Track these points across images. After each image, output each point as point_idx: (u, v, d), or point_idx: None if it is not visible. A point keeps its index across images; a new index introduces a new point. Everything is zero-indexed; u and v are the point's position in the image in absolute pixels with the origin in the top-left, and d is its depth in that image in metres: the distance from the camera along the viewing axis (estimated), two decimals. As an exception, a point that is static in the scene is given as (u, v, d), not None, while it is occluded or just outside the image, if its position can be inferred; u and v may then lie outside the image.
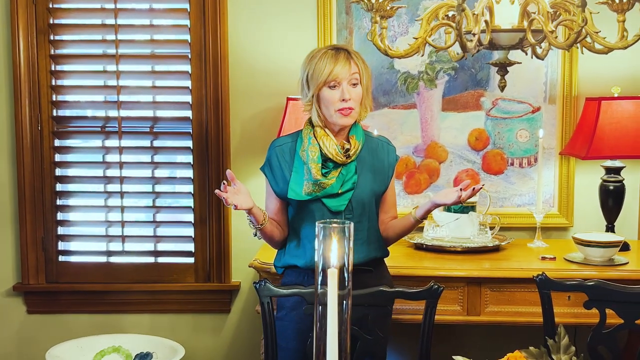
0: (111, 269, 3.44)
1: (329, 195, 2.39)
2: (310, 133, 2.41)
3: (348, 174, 2.40)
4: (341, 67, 2.33)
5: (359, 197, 2.41)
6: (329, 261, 1.36)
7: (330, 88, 2.34)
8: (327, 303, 1.35)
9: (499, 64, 1.57)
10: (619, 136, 2.95)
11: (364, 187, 2.42)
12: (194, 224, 3.40)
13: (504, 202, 3.34)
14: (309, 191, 2.38)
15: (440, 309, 2.79)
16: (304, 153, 2.39)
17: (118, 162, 3.37)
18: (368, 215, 2.44)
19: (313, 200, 2.39)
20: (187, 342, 3.36)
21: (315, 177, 2.36)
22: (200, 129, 3.34)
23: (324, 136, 2.38)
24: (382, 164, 2.47)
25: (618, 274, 2.75)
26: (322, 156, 2.38)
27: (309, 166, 2.37)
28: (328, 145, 2.37)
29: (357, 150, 2.40)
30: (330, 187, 2.37)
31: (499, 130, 3.32)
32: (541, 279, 2.28)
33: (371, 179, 2.44)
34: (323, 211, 2.40)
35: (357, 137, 2.42)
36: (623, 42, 1.44)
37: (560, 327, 1.45)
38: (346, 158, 2.39)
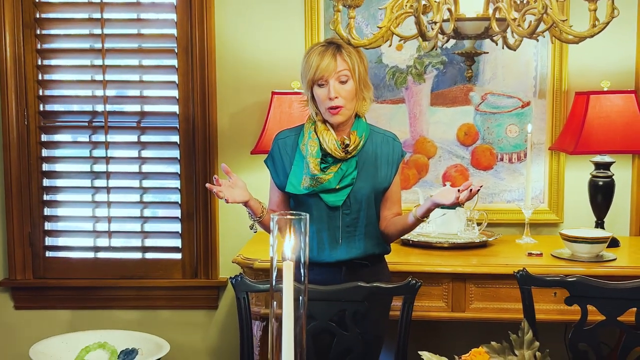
0: (98, 265, 3.42)
1: (327, 190, 2.37)
2: (312, 127, 2.40)
3: (348, 170, 2.38)
4: (326, 65, 2.30)
5: (358, 193, 2.39)
6: (284, 253, 1.33)
7: (319, 86, 2.33)
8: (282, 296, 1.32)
9: (465, 53, 1.54)
10: (607, 131, 2.91)
11: (363, 183, 2.39)
12: (180, 220, 3.38)
13: (493, 197, 3.30)
14: (306, 185, 2.37)
15: (425, 305, 2.80)
16: (304, 147, 2.39)
17: (105, 157, 3.35)
18: (366, 212, 2.41)
19: (311, 195, 2.38)
20: (174, 338, 3.34)
21: (313, 172, 2.35)
22: (187, 124, 3.32)
23: (324, 131, 2.37)
24: (386, 159, 2.44)
25: (605, 270, 2.71)
26: (322, 151, 2.37)
27: (307, 161, 2.36)
28: (327, 141, 2.35)
29: (357, 146, 2.38)
30: (328, 182, 2.35)
31: (489, 125, 3.28)
32: (522, 275, 2.25)
33: (373, 175, 2.41)
34: (320, 206, 2.39)
35: (359, 133, 2.39)
36: (589, 31, 1.40)
37: (523, 322, 1.42)
38: (345, 154, 2.36)
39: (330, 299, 2.20)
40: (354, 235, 2.41)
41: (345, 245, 2.40)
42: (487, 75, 3.25)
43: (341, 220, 2.39)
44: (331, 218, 2.39)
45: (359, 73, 2.33)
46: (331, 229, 2.40)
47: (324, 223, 2.39)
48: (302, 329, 1.36)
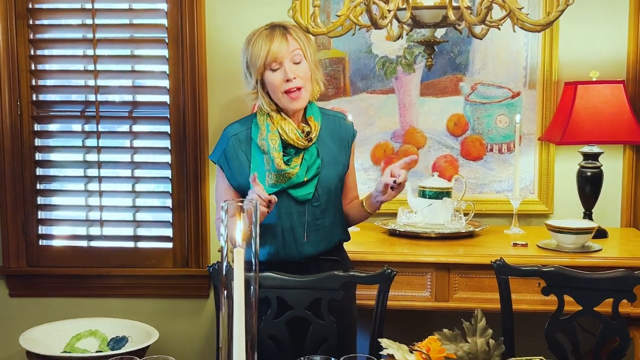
0: (91, 254, 3.45)
1: (295, 185, 2.27)
2: (268, 120, 2.27)
3: (311, 159, 2.29)
4: (278, 45, 2.20)
5: (325, 183, 2.31)
6: (235, 240, 1.34)
7: (272, 71, 2.22)
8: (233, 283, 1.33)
9: (424, 42, 1.54)
10: (595, 121, 2.89)
11: (328, 171, 2.31)
12: (172, 209, 3.40)
13: (482, 188, 3.30)
14: (272, 182, 2.25)
15: (409, 294, 2.80)
16: (263, 142, 2.26)
17: (96, 146, 3.38)
18: (334, 201, 2.35)
19: (277, 193, 2.25)
20: (165, 327, 3.37)
21: (279, 167, 2.23)
22: (178, 114, 3.34)
23: (282, 121, 2.26)
24: (343, 142, 2.36)
25: (589, 260, 2.70)
26: (283, 142, 2.26)
27: (271, 156, 2.24)
28: (288, 131, 2.25)
29: (317, 131, 2.30)
30: (296, 176, 2.26)
31: (478, 116, 3.27)
32: (499, 265, 2.25)
33: (334, 161, 2.33)
34: (288, 202, 2.28)
35: (316, 118, 2.30)
36: (545, 19, 1.39)
37: (477, 310, 1.42)
38: (308, 142, 2.27)
39: (306, 287, 2.21)
40: (322, 227, 2.32)
41: (312, 240, 2.31)
42: (477, 65, 3.24)
43: (310, 215, 2.30)
44: (300, 213, 2.29)
45: (310, 54, 2.25)
46: (299, 225, 2.30)
47: (293, 220, 2.29)
48: (253, 317, 1.38)
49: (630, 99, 3.05)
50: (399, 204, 3.19)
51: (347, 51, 3.28)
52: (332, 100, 3.25)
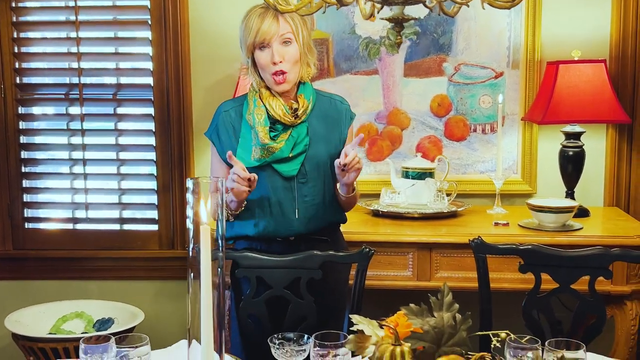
0: (77, 236, 3.46)
1: (280, 160, 2.27)
2: (256, 95, 2.29)
3: (299, 137, 2.28)
4: (268, 26, 2.20)
5: (313, 160, 2.30)
6: (201, 218, 1.35)
7: (261, 50, 2.23)
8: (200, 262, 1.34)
9: (393, 19, 1.54)
10: (576, 100, 2.89)
11: (317, 149, 2.30)
12: (157, 192, 3.40)
13: (466, 168, 3.31)
14: (257, 156, 2.26)
15: (391, 274, 2.82)
16: (250, 117, 2.28)
17: (80, 129, 3.38)
18: (323, 179, 2.32)
19: (263, 167, 2.27)
20: (151, 308, 3.39)
21: (263, 141, 2.24)
22: (162, 96, 3.34)
23: (270, 97, 2.27)
24: (336, 123, 2.36)
25: (569, 239, 2.72)
26: (270, 118, 2.26)
27: (256, 130, 2.26)
28: (275, 106, 2.26)
29: (306, 109, 2.29)
30: (280, 151, 2.26)
31: (462, 96, 3.27)
32: (476, 243, 2.26)
33: (326, 139, 2.33)
34: (274, 177, 2.28)
35: (306, 96, 2.30)
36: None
37: (444, 285, 1.43)
38: (295, 118, 2.27)
39: (285, 267, 2.23)
40: (312, 204, 2.31)
41: (303, 217, 2.30)
42: (460, 45, 3.24)
43: (298, 191, 2.30)
44: (287, 189, 2.29)
45: (303, 37, 2.24)
46: (288, 201, 2.29)
47: (280, 195, 2.29)
48: (222, 296, 1.39)
49: (612, 78, 3.06)
50: (382, 184, 3.21)
51: (331, 32, 3.27)
52: (316, 81, 3.24)
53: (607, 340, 2.82)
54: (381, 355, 1.37)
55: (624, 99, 3.13)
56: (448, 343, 1.37)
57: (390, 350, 1.36)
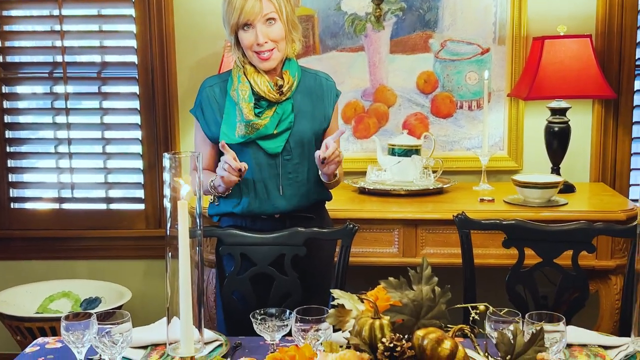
0: (63, 216, 3.45)
1: (265, 137, 2.26)
2: (240, 71, 2.27)
3: (284, 113, 2.27)
4: (251, 6, 2.17)
5: (298, 137, 2.29)
6: (178, 193, 1.34)
7: (244, 30, 2.21)
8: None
9: (372, -8, 1.53)
10: (561, 76, 2.89)
11: (302, 126, 2.29)
12: (143, 171, 3.39)
13: (453, 145, 3.30)
14: (242, 133, 2.25)
15: (377, 251, 2.82)
16: (234, 93, 2.27)
17: (64, 108, 3.36)
18: (308, 157, 2.31)
19: (248, 143, 2.26)
20: (138, 288, 3.39)
21: (247, 118, 2.23)
22: (146, 75, 3.31)
23: (254, 73, 2.25)
24: (320, 100, 2.34)
25: (554, 214, 2.73)
26: (254, 95, 2.25)
27: (240, 107, 2.24)
28: (259, 83, 2.24)
29: (291, 86, 2.27)
30: (264, 127, 2.24)
31: (448, 73, 3.26)
32: (460, 219, 2.26)
33: (311, 116, 2.31)
34: (259, 154, 2.27)
35: (291, 73, 2.29)
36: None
37: (423, 259, 1.43)
38: (280, 95, 2.25)
39: (269, 244, 2.23)
40: (296, 181, 2.30)
41: (288, 195, 2.30)
42: (446, 21, 3.22)
43: (282, 168, 2.29)
44: (271, 166, 2.28)
45: (287, 14, 2.22)
46: (272, 178, 2.29)
47: (264, 172, 2.28)
48: (201, 272, 1.39)
49: (598, 53, 3.06)
50: (368, 162, 3.20)
51: (316, 9, 3.25)
52: (302, 58, 3.22)
53: (592, 315, 2.84)
54: (360, 329, 1.37)
55: (610, 74, 3.13)
56: (427, 316, 1.37)
57: (369, 323, 1.36)
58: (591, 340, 1.83)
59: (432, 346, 1.28)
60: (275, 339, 1.73)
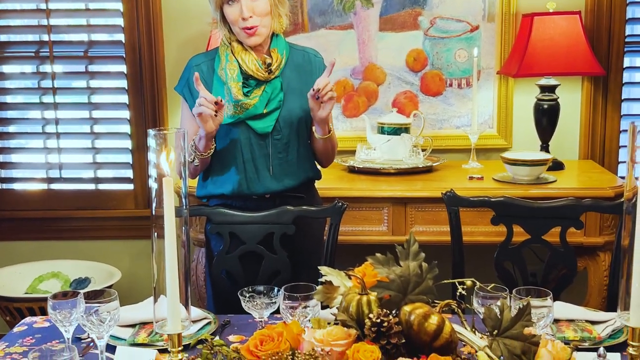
0: (52, 196, 3.43)
1: (254, 117, 2.23)
2: (227, 49, 2.24)
3: (273, 92, 2.24)
4: None
5: (287, 116, 2.26)
6: (163, 169, 1.33)
7: (229, 4, 2.18)
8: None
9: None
10: (551, 53, 2.88)
11: (291, 104, 2.26)
12: (131, 151, 3.37)
13: (442, 124, 3.30)
14: (231, 113, 2.22)
15: (366, 229, 2.83)
16: (222, 72, 2.23)
17: (52, 87, 3.33)
18: (298, 135, 2.28)
19: (237, 123, 2.23)
20: (127, 268, 3.39)
21: (236, 98, 2.20)
22: (134, 53, 3.28)
23: (242, 51, 2.22)
24: (309, 76, 2.30)
25: (543, 192, 2.73)
26: (243, 73, 2.22)
27: (228, 86, 2.21)
28: (247, 61, 2.21)
29: (280, 64, 2.25)
30: (254, 107, 2.22)
31: (438, 51, 3.25)
32: (448, 196, 2.26)
33: (299, 97, 2.27)
34: (248, 134, 2.24)
35: (279, 50, 2.26)
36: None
37: (410, 234, 1.43)
38: (268, 73, 2.22)
39: (258, 222, 2.22)
40: (286, 161, 2.28)
41: (278, 175, 2.27)
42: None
43: (272, 148, 2.26)
44: (261, 146, 2.25)
45: None
46: (262, 158, 2.26)
47: (254, 152, 2.25)
48: (188, 250, 1.38)
49: (587, 30, 3.05)
50: (357, 140, 3.19)
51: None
52: (290, 36, 3.19)
53: (580, 292, 2.86)
54: (348, 305, 1.37)
55: (599, 51, 3.13)
56: (414, 291, 1.37)
57: (357, 299, 1.37)
58: (578, 316, 1.84)
59: (419, 321, 1.29)
60: (264, 316, 1.73)
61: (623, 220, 1.37)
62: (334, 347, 1.31)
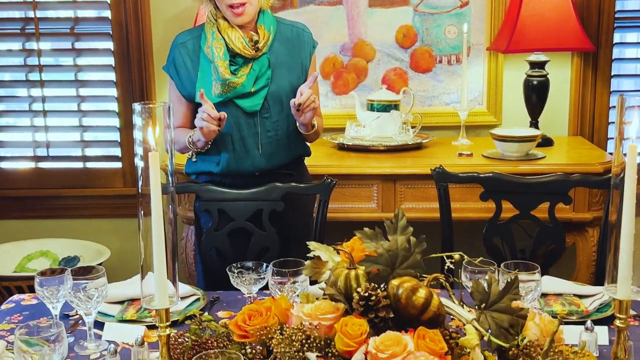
0: (40, 175, 3.41)
1: (242, 95, 2.21)
2: (214, 27, 2.21)
3: (261, 70, 2.22)
4: None
5: (276, 94, 2.24)
6: (149, 144, 1.32)
7: None
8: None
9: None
10: (540, 28, 2.87)
11: (280, 82, 2.24)
12: (119, 129, 3.35)
13: (432, 100, 3.28)
14: (218, 92, 2.19)
15: (356, 206, 2.82)
16: (209, 50, 2.21)
17: (38, 65, 3.29)
18: (287, 113, 2.25)
19: (225, 103, 2.21)
20: (116, 246, 3.37)
21: (224, 77, 2.18)
22: (120, 30, 3.25)
23: (228, 29, 2.19)
24: (298, 50, 2.29)
25: (532, 168, 2.73)
26: (229, 51, 2.20)
27: (215, 65, 2.19)
28: (234, 39, 2.19)
29: (267, 41, 2.22)
30: (242, 86, 2.19)
31: (427, 27, 3.22)
32: (437, 172, 2.26)
33: (288, 72, 2.26)
34: (237, 113, 2.22)
35: (266, 27, 2.23)
36: None
37: (398, 209, 1.43)
38: (255, 51, 2.20)
39: (247, 199, 2.21)
40: (275, 139, 2.26)
41: (268, 153, 2.26)
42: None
43: (261, 126, 2.24)
44: (250, 125, 2.23)
45: None
46: (251, 137, 2.24)
47: (243, 131, 2.23)
48: (174, 227, 1.38)
49: (577, 5, 3.03)
50: (347, 117, 3.18)
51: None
52: (279, 12, 3.16)
53: (569, 267, 2.88)
54: (336, 279, 1.37)
55: (589, 26, 3.11)
56: (402, 265, 1.37)
57: (345, 274, 1.36)
58: (566, 290, 1.85)
59: (407, 295, 1.29)
60: (252, 292, 1.73)
61: (611, 196, 1.37)
62: (322, 321, 1.31)
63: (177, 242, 1.41)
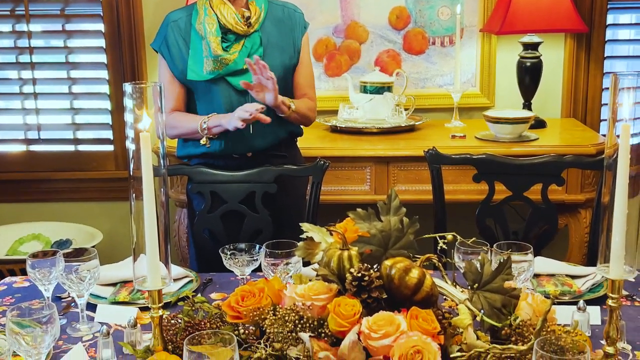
0: (31, 158, 3.39)
1: (234, 73, 2.20)
2: (206, 3, 2.20)
3: (253, 47, 2.21)
4: None
5: None
6: (141, 125, 1.31)
7: None
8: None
9: None
10: (533, 9, 2.86)
11: (272, 60, 2.21)
12: (111, 111, 3.33)
13: (425, 82, 3.28)
14: (210, 69, 2.18)
15: (349, 189, 2.82)
16: (200, 26, 2.20)
17: (28, 47, 3.26)
18: (281, 92, 2.19)
19: (216, 80, 2.20)
20: (109, 229, 3.37)
21: (215, 53, 2.17)
22: (111, 11, 3.22)
23: (221, 4, 2.18)
24: (289, 30, 2.28)
25: (525, 149, 2.73)
26: (221, 28, 2.19)
27: (207, 41, 2.18)
28: (226, 14, 2.18)
29: (259, 17, 2.21)
30: (233, 62, 2.18)
31: (420, 8, 3.21)
32: (430, 154, 2.26)
33: (280, 52, 2.25)
34: (229, 91, 2.21)
35: (257, 3, 2.22)
36: None
37: (391, 190, 1.42)
38: (248, 27, 2.19)
39: (240, 181, 2.21)
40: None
41: (260, 132, 2.23)
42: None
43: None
44: (241, 103, 2.19)
45: None
46: None
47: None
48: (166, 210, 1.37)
49: (571, -13, 3.02)
50: (340, 100, 3.17)
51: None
52: (271, -6, 3.15)
53: (562, 249, 2.88)
54: (329, 260, 1.36)
55: (582, 8, 3.11)
56: (395, 246, 1.37)
57: (337, 254, 1.36)
58: (559, 270, 1.85)
59: (400, 275, 1.28)
60: (245, 273, 1.73)
61: (604, 177, 1.37)
62: (315, 301, 1.31)
63: (169, 224, 1.40)
